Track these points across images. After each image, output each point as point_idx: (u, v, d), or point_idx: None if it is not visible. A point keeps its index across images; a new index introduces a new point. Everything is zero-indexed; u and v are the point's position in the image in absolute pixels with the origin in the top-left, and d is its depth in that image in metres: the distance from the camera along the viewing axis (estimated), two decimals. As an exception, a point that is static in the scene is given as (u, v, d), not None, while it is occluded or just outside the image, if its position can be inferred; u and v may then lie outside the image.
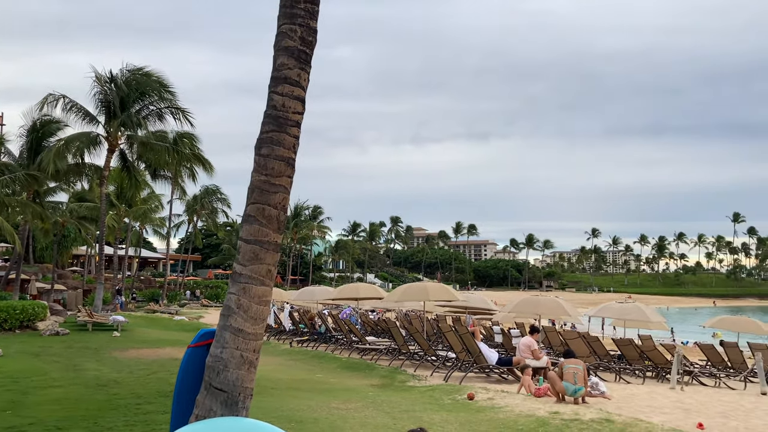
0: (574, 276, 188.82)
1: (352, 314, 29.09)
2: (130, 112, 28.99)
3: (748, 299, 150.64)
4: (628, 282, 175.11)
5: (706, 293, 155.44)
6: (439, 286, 19.33)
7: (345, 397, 10.52)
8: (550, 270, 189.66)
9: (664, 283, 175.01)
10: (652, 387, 14.33)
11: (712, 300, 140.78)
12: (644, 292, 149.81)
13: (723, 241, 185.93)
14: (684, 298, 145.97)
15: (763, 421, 9.58)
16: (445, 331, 15.31)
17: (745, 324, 20.33)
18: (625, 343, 17.82)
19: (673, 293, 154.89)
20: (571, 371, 9.95)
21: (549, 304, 17.76)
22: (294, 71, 5.12)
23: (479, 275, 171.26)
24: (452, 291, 19.01)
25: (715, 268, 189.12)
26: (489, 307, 25.00)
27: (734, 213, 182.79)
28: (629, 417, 8.68)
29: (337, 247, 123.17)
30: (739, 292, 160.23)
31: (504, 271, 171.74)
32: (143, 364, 13.83)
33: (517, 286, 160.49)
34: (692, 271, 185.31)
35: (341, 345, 19.78)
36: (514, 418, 8.63)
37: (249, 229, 4.99)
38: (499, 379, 13.75)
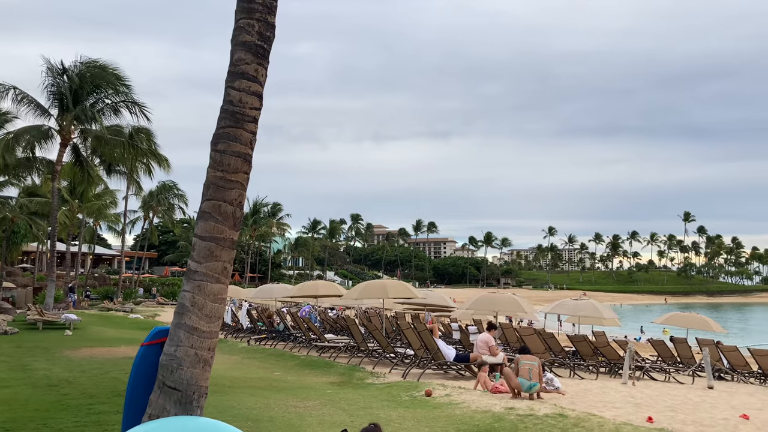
0: (531, 273, 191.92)
1: (311, 312, 28.97)
2: (84, 106, 28.26)
3: (698, 296, 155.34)
4: (583, 279, 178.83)
5: (658, 290, 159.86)
6: (399, 284, 19.40)
7: (303, 395, 10.48)
8: (508, 267, 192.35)
9: (618, 281, 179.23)
10: (605, 382, 14.66)
11: (664, 297, 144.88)
12: (599, 289, 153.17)
13: (674, 240, 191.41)
14: (637, 295, 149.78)
15: (708, 414, 9.89)
16: (404, 329, 15.38)
17: (694, 320, 20.94)
18: (580, 340, 18.18)
19: (627, 290, 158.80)
20: (527, 367, 10.11)
21: (506, 301, 17.99)
22: (251, 66, 5.07)
23: (439, 273, 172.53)
24: (411, 288, 19.08)
25: (667, 266, 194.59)
26: (448, 304, 25.19)
27: (685, 212, 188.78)
28: (582, 412, 8.86)
29: (296, 245, 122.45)
30: (689, 290, 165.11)
31: (463, 269, 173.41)
32: (96, 363, 13.52)
33: (476, 284, 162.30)
34: (645, 269, 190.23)
35: (300, 343, 19.69)
36: (471, 414, 8.73)
37: (204, 225, 4.92)
38: (456, 376, 13.88)
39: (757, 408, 11.16)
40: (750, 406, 11.34)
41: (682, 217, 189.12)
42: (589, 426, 7.86)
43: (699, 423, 8.83)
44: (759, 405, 11.79)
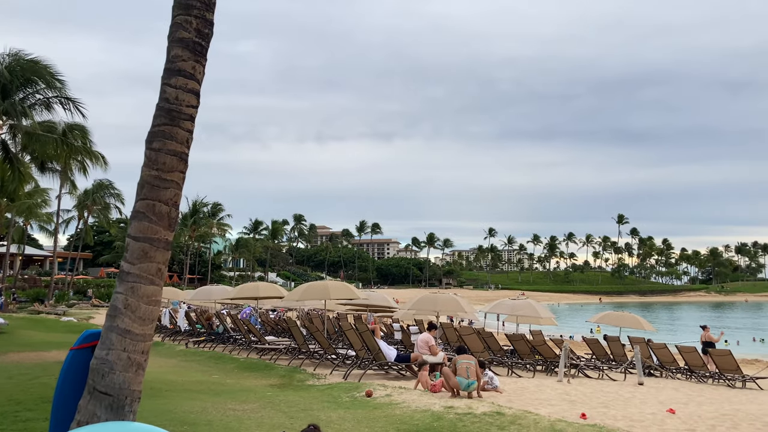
0: (472, 274, 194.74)
1: (252, 314, 28.59)
2: (13, 100, 27.07)
3: (631, 296, 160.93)
4: (521, 279, 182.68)
5: (593, 290, 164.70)
6: (341, 285, 19.37)
7: (242, 398, 10.33)
8: (450, 268, 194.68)
9: (555, 281, 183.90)
10: (542, 380, 15.01)
11: (598, 297, 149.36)
12: (536, 289, 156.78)
13: (608, 242, 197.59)
14: (573, 295, 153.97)
15: (638, 409, 10.27)
16: (346, 330, 15.37)
17: (627, 319, 21.66)
18: (517, 338, 18.57)
19: (563, 290, 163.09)
20: (464, 366, 10.27)
21: (447, 301, 18.20)
22: (188, 63, 4.98)
23: (382, 273, 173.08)
24: (353, 289, 19.08)
25: (602, 266, 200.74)
26: (390, 304, 25.31)
27: (619, 215, 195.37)
28: (519, 410, 9.05)
29: (237, 246, 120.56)
30: (623, 289, 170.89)
31: (406, 270, 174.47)
32: (24, 369, 12.97)
33: (419, 284, 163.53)
34: (580, 269, 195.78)
35: (240, 345, 19.42)
36: (411, 414, 8.79)
37: (138, 226, 4.80)
38: (397, 376, 13.96)
39: (682, 402, 11.65)
40: (676, 401, 11.84)
41: (616, 220, 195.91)
42: (525, 423, 8.04)
43: (629, 418, 9.15)
44: (684, 400, 12.32)
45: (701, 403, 11.88)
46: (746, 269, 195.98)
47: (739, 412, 10.43)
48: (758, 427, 8.90)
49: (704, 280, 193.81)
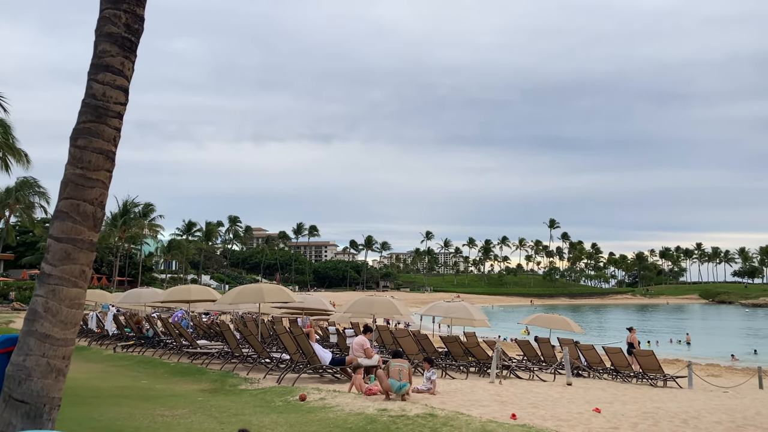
0: (408, 276, 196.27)
1: (183, 317, 27.92)
2: (-72, 92, 25.60)
3: (561, 298, 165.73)
4: (457, 282, 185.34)
5: (525, 293, 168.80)
6: (275, 288, 19.12)
7: (172, 403, 10.07)
8: (388, 271, 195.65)
9: (489, 283, 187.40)
10: (474, 381, 15.25)
11: (530, 299, 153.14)
12: (471, 291, 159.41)
13: (540, 245, 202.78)
14: (506, 297, 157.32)
15: (566, 409, 10.56)
16: (281, 333, 15.21)
17: (557, 321, 22.29)
18: (452, 340, 18.81)
19: (497, 293, 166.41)
20: (397, 369, 10.32)
21: (383, 303, 18.27)
22: (117, 59, 4.82)
23: (319, 276, 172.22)
24: (288, 292, 18.89)
25: (534, 269, 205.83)
26: (326, 307, 25.17)
27: (550, 219, 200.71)
28: (451, 411, 9.16)
29: (170, 247, 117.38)
30: (554, 292, 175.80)
31: (343, 272, 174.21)
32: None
33: (356, 287, 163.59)
34: (514, 272, 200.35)
35: (170, 349, 18.93)
36: (344, 417, 8.77)
37: (61, 226, 4.61)
38: (332, 379, 13.91)
39: (608, 402, 12.07)
40: (602, 400, 12.25)
41: (548, 224, 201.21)
42: (457, 424, 8.14)
43: (557, 418, 9.40)
44: (610, 399, 12.76)
45: (625, 402, 12.33)
46: (669, 273, 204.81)
47: (660, 410, 10.88)
48: (677, 424, 9.31)
49: (630, 283, 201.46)
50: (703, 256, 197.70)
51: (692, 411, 10.84)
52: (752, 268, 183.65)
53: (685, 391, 16.50)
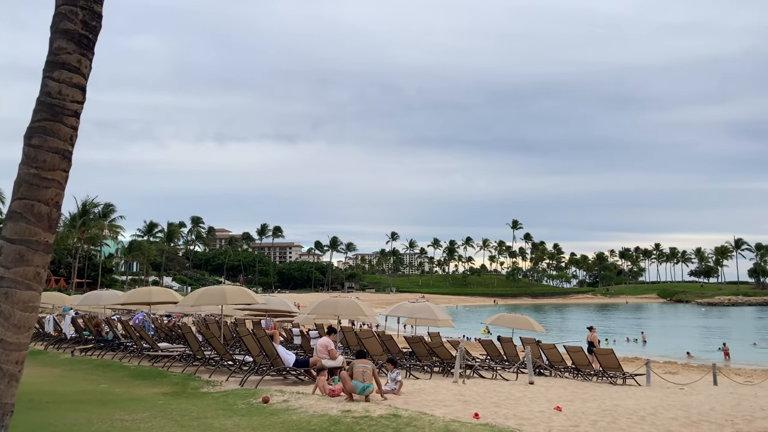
0: (374, 277, 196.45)
1: (145, 320, 27.45)
2: None
3: (524, 298, 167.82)
4: (422, 282, 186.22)
5: (489, 293, 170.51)
6: (238, 289, 18.92)
7: (131, 407, 9.89)
8: (353, 272, 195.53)
9: (453, 284, 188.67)
10: (438, 381, 15.34)
11: (494, 299, 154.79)
12: (436, 292, 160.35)
13: (504, 246, 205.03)
14: (470, 297, 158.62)
15: (528, 407, 10.70)
16: (243, 335, 15.05)
17: (519, 321, 22.55)
18: (416, 341, 18.88)
19: (461, 293, 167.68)
20: (360, 370, 10.32)
21: (347, 305, 18.21)
22: (74, 57, 4.71)
23: (283, 277, 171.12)
24: (251, 294, 18.71)
25: (497, 270, 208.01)
26: (290, 309, 25.00)
27: (513, 220, 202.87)
28: (415, 411, 9.20)
29: (130, 249, 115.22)
30: (516, 292, 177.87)
31: (308, 273, 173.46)
32: None
33: (321, 288, 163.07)
34: (477, 272, 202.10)
35: (131, 352, 18.61)
36: (308, 419, 8.73)
37: (14, 227, 4.49)
38: (296, 381, 13.83)
39: (568, 400, 12.26)
40: (563, 399, 12.44)
41: (510, 225, 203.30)
42: (421, 424, 8.18)
43: (519, 417, 9.51)
44: (571, 397, 12.97)
45: (586, 400, 12.54)
46: (629, 273, 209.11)
47: (619, 407, 11.10)
48: (635, 420, 9.51)
49: (591, 282, 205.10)
50: (661, 257, 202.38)
51: (649, 408, 11.08)
52: (708, 267, 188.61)
53: (643, 388, 16.86)
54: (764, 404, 12.48)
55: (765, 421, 9.73)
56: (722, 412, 10.70)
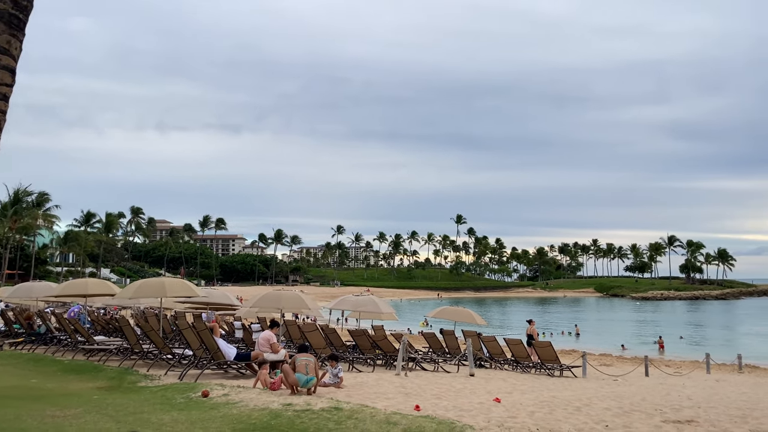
0: (319, 271, 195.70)
1: (80, 312, 26.60)
2: None
3: (467, 291, 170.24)
4: (367, 276, 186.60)
5: (433, 286, 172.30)
6: (178, 282, 18.53)
7: (63, 403, 9.57)
8: (297, 265, 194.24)
9: (399, 277, 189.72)
10: (381, 374, 15.41)
11: (437, 292, 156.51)
12: (381, 285, 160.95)
13: (448, 240, 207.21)
14: (414, 291, 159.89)
15: (468, 399, 10.87)
16: (183, 328, 14.76)
17: (461, 314, 22.84)
18: (359, 334, 18.93)
19: (406, 286, 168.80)
20: (303, 363, 10.28)
21: (291, 298, 18.10)
22: (3, 37, 4.50)
23: (226, 270, 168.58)
24: (192, 286, 18.33)
25: (441, 263, 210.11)
26: (232, 302, 24.66)
27: (457, 215, 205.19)
28: (357, 404, 9.22)
29: (66, 239, 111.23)
30: (460, 285, 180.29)
31: (252, 266, 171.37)
32: None
33: (264, 281, 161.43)
34: (422, 266, 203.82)
35: (65, 346, 18.02)
36: (248, 413, 8.64)
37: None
38: (237, 375, 13.67)
39: (507, 392, 12.52)
40: (502, 390, 12.70)
41: (455, 220, 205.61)
42: (362, 417, 8.21)
43: (459, 408, 9.64)
44: (509, 389, 13.25)
45: (524, 391, 12.83)
46: (567, 267, 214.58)
47: (556, 398, 11.40)
48: (570, 411, 9.78)
49: (531, 277, 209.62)
50: (598, 252, 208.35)
51: (585, 398, 11.42)
52: (642, 263, 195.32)
53: (579, 380, 17.37)
54: (691, 394, 13.05)
55: (691, 410, 10.16)
56: (652, 402, 11.12)
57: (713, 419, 9.32)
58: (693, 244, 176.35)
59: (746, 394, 13.83)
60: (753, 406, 11.11)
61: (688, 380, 18.29)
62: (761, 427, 8.85)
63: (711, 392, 13.90)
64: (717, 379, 19.50)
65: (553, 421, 8.75)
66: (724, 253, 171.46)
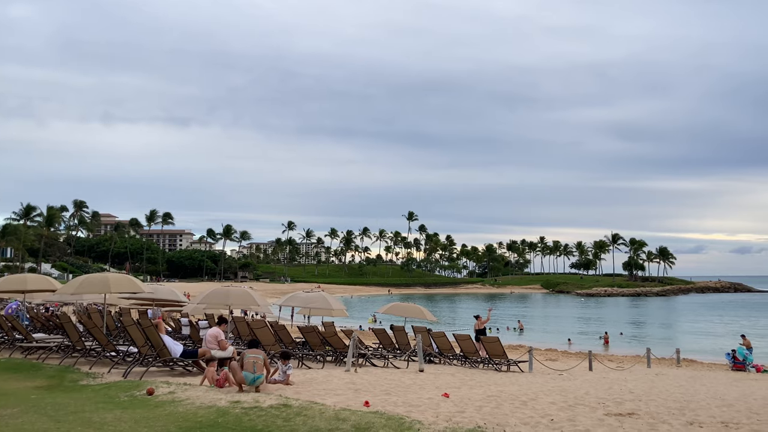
0: (269, 267, 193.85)
1: (19, 309, 25.66)
2: None
3: (417, 288, 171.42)
4: (318, 272, 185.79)
5: (384, 282, 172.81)
6: (123, 277, 18.01)
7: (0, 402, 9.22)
8: (247, 261, 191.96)
9: (350, 274, 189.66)
10: (330, 371, 15.36)
11: (388, 289, 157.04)
12: (332, 281, 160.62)
13: (399, 237, 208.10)
14: (365, 287, 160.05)
15: (417, 394, 10.93)
16: (127, 325, 14.39)
17: (411, 310, 22.99)
18: (309, 330, 18.83)
19: (357, 283, 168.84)
20: (251, 360, 10.15)
21: (239, 294, 17.84)
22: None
23: (173, 266, 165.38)
24: (137, 282, 17.86)
25: (392, 260, 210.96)
26: (179, 298, 24.13)
27: (409, 212, 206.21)
28: (306, 401, 9.16)
29: (4, 233, 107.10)
30: (410, 282, 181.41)
31: (199, 262, 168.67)
32: None
33: (213, 277, 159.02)
34: (373, 262, 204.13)
35: (1, 344, 17.34)
36: (194, 411, 8.50)
37: None
38: (183, 372, 13.42)
39: (456, 387, 12.65)
40: (451, 385, 12.83)
41: (406, 217, 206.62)
42: (311, 414, 8.17)
43: (408, 404, 9.69)
44: (458, 384, 13.39)
45: (472, 386, 12.99)
46: (515, 264, 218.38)
47: (503, 393, 11.58)
48: (517, 405, 9.95)
49: (480, 273, 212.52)
50: (545, 249, 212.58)
51: (531, 393, 11.64)
52: (587, 260, 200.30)
53: (526, 374, 17.70)
54: (632, 387, 13.45)
55: (632, 403, 10.47)
56: (596, 396, 11.42)
57: (653, 412, 9.63)
58: (636, 243, 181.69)
59: (683, 387, 14.36)
60: (690, 399, 11.54)
61: (630, 374, 18.86)
62: (697, 418, 9.18)
63: (651, 386, 14.36)
64: (657, 372, 20.16)
65: (500, 416, 8.88)
66: (664, 251, 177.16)
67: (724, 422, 8.88)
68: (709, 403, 10.90)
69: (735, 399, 11.88)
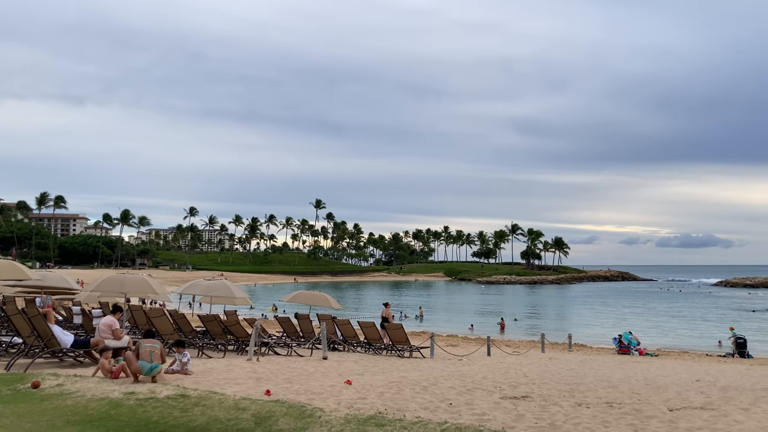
0: (169, 254, 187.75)
1: None
2: None
3: (324, 276, 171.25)
4: (221, 260, 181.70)
5: (290, 271, 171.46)
6: (6, 263, 16.85)
7: None
8: (146, 247, 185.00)
9: (255, 262, 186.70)
10: (232, 360, 15.07)
11: (294, 277, 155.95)
12: (236, 269, 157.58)
13: (306, 225, 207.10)
14: (271, 275, 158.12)
15: (320, 382, 10.93)
16: (11, 314, 13.49)
17: (317, 298, 22.92)
18: (210, 319, 18.39)
19: (262, 271, 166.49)
20: (148, 350, 9.80)
21: (136, 282, 17.14)
22: None
23: (66, 252, 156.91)
24: (23, 268, 16.76)
25: (299, 248, 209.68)
26: (70, 286, 22.93)
27: (317, 200, 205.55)
28: (204, 391, 8.94)
29: None
30: (317, 270, 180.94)
31: (95, 248, 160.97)
32: None
33: (109, 264, 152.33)
34: (279, 250, 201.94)
35: None
36: (85, 404, 8.10)
37: None
38: (74, 363, 12.76)
39: (359, 373, 12.76)
40: (354, 372, 12.92)
41: (314, 204, 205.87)
42: (210, 404, 7.98)
43: (311, 391, 9.67)
44: (361, 371, 13.51)
45: (375, 373, 13.14)
46: (420, 253, 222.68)
47: (405, 378, 11.79)
48: (417, 390, 10.16)
49: (387, 261, 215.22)
50: (449, 238, 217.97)
51: (431, 378, 11.92)
52: (488, 249, 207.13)
53: (427, 360, 18.09)
54: (527, 371, 14.07)
55: (527, 387, 10.95)
56: (493, 380, 11.85)
57: (545, 394, 10.10)
58: (533, 233, 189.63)
59: (574, 371, 15.16)
60: (579, 381, 12.19)
61: (525, 359, 19.69)
62: (585, 399, 9.72)
63: (544, 369, 15.07)
64: (550, 357, 21.17)
65: (401, 401, 9.03)
66: (559, 241, 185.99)
67: (608, 402, 9.45)
68: (596, 385, 11.56)
69: (619, 381, 12.67)
